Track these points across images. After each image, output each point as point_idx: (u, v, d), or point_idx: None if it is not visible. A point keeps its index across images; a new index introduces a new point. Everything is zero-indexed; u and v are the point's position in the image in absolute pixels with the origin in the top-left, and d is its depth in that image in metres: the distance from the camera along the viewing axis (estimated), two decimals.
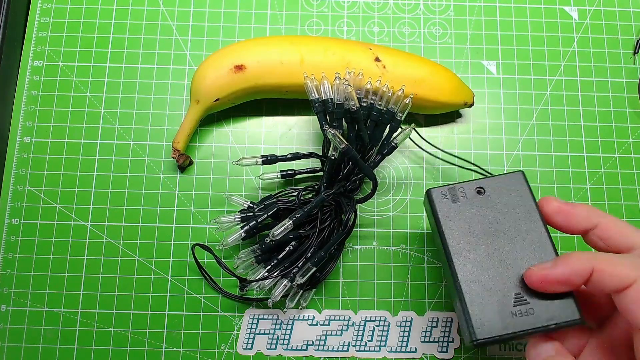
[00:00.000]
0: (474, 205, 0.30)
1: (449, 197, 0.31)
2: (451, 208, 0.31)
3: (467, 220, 0.30)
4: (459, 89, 0.39)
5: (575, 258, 0.27)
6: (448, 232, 0.30)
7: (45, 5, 0.43)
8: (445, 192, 0.31)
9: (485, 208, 0.30)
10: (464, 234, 0.30)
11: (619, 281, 0.26)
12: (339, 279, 0.38)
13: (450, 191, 0.31)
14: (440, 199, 0.31)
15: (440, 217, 0.30)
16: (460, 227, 0.30)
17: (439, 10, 0.43)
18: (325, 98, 0.34)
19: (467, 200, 0.31)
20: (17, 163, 0.39)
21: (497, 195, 0.31)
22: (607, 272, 0.26)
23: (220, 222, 0.35)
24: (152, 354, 0.36)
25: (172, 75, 0.41)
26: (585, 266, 0.26)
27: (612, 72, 0.42)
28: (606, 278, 0.26)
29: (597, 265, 0.26)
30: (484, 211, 0.30)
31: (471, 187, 0.31)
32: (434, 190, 0.31)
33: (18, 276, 0.37)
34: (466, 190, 0.31)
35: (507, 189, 0.31)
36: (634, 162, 0.40)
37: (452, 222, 0.30)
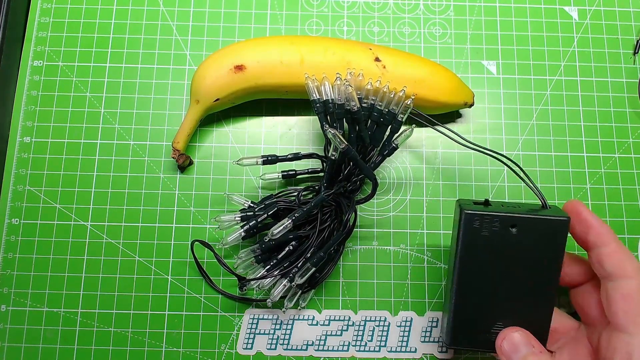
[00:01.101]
0: (501, 241, 0.29)
1: (478, 225, 0.29)
2: (476, 236, 0.29)
3: (487, 251, 0.29)
4: (459, 89, 0.39)
5: None
6: (463, 256, 0.29)
7: (45, 5, 0.43)
8: (477, 220, 0.29)
9: (511, 246, 0.29)
10: (477, 261, 0.29)
11: (620, 269, 0.27)
12: (339, 279, 0.38)
13: (482, 219, 0.29)
14: (469, 224, 0.29)
15: (461, 241, 0.29)
16: (477, 255, 0.29)
17: (439, 10, 0.43)
18: (326, 99, 0.34)
19: (496, 232, 0.29)
20: (17, 163, 0.39)
21: (529, 237, 0.29)
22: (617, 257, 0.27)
23: (220, 221, 0.35)
24: (152, 354, 0.36)
25: (172, 75, 0.41)
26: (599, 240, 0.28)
27: (612, 72, 0.42)
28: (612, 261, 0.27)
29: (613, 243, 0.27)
30: (508, 249, 0.29)
31: (506, 222, 0.29)
32: (467, 213, 0.29)
33: (18, 276, 0.37)
34: (500, 222, 0.29)
35: (543, 234, 0.29)
36: (634, 162, 0.40)
37: (471, 249, 0.29)
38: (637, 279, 0.27)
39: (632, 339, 0.26)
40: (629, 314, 0.27)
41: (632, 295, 0.27)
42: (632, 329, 0.26)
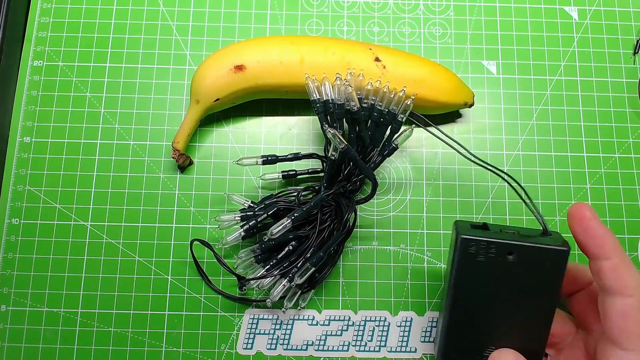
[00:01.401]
0: (497, 268, 0.28)
1: (474, 251, 0.28)
2: (472, 261, 0.28)
3: (482, 277, 0.29)
4: (459, 89, 0.39)
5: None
6: (457, 280, 0.29)
7: (45, 5, 0.43)
8: (473, 245, 0.28)
9: (507, 273, 0.28)
10: (472, 286, 0.29)
11: (619, 285, 0.26)
12: (339, 279, 0.38)
13: (478, 245, 0.28)
14: (465, 249, 0.28)
15: (455, 266, 0.29)
16: (472, 280, 0.29)
17: (439, 10, 0.43)
18: (326, 99, 0.34)
19: (492, 259, 0.28)
20: (17, 163, 0.39)
21: (526, 265, 0.28)
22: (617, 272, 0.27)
23: (220, 221, 0.35)
24: (152, 354, 0.36)
25: (172, 75, 0.41)
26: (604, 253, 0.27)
27: (612, 72, 0.42)
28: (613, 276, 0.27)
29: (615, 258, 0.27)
30: (504, 276, 0.28)
31: (504, 248, 0.28)
32: (462, 238, 0.28)
33: (18, 276, 0.37)
34: (497, 248, 0.28)
35: (541, 263, 0.28)
36: (634, 162, 0.40)
37: (466, 274, 0.29)
38: (635, 297, 0.26)
39: (626, 354, 0.26)
40: (623, 332, 0.26)
41: (629, 313, 0.26)
42: (626, 345, 0.26)
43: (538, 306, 0.29)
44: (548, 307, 0.28)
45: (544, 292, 0.28)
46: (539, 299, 0.28)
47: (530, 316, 0.29)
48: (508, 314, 0.29)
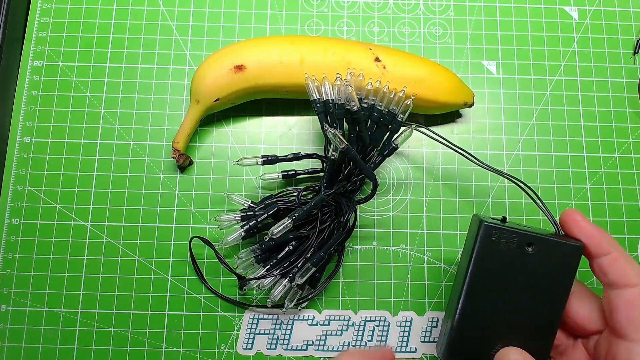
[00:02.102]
0: (515, 258, 0.29)
1: (496, 239, 0.29)
2: (492, 249, 0.29)
3: (500, 267, 0.29)
4: (459, 89, 0.39)
5: None
6: (475, 268, 0.29)
7: (45, 5, 0.43)
8: (496, 232, 0.29)
9: (524, 265, 0.29)
10: (489, 275, 0.29)
11: (622, 277, 0.27)
12: (339, 279, 0.38)
13: (500, 233, 0.29)
14: (487, 236, 0.29)
15: (476, 252, 0.29)
16: (490, 269, 0.29)
17: (439, 10, 0.43)
18: (326, 99, 0.34)
19: (511, 249, 0.29)
20: (17, 163, 0.39)
21: (543, 258, 0.29)
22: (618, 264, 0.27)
23: (220, 221, 0.35)
24: (152, 354, 0.36)
25: (172, 75, 0.41)
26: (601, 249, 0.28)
27: (612, 72, 0.42)
28: (615, 269, 0.27)
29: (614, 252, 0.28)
30: (521, 267, 0.29)
31: (523, 238, 0.29)
32: (486, 225, 0.29)
33: (18, 276, 0.37)
34: (518, 239, 0.29)
35: (557, 257, 0.29)
36: (634, 162, 0.40)
37: (485, 262, 0.29)
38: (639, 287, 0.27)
39: (634, 346, 0.26)
40: (631, 321, 0.27)
41: (635, 302, 0.27)
42: (634, 335, 0.26)
43: (549, 303, 0.29)
44: (558, 304, 0.29)
45: (556, 288, 0.29)
46: (551, 295, 0.29)
47: (541, 313, 0.29)
48: (519, 309, 0.29)
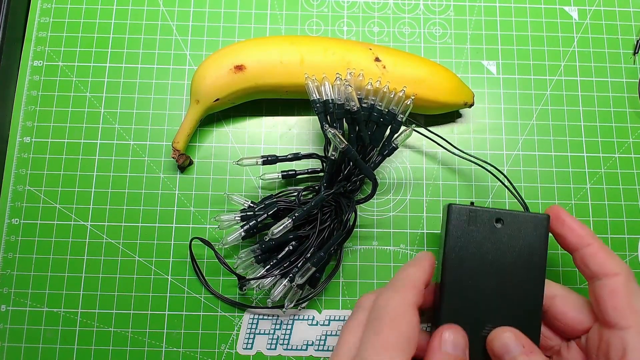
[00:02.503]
0: (488, 234, 0.30)
1: (467, 219, 0.30)
2: (465, 230, 0.30)
3: (475, 246, 0.30)
4: (459, 89, 0.39)
5: None
6: (452, 251, 0.30)
7: (45, 5, 0.43)
8: (466, 213, 0.30)
9: (497, 241, 0.30)
10: (466, 257, 0.30)
11: (604, 267, 0.28)
12: (339, 279, 0.38)
13: (470, 213, 0.30)
14: (458, 217, 0.30)
15: (450, 234, 0.30)
16: (466, 250, 0.30)
17: (439, 10, 0.43)
18: (326, 99, 0.34)
19: (483, 226, 0.30)
20: (17, 163, 0.39)
21: (514, 232, 0.30)
22: (599, 256, 0.28)
23: (220, 221, 0.35)
24: (152, 354, 0.36)
25: (172, 75, 0.41)
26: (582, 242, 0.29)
27: (612, 72, 0.42)
28: (595, 260, 0.28)
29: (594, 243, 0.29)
30: (494, 244, 0.30)
31: (492, 216, 0.30)
32: (455, 207, 0.31)
33: (18, 276, 0.37)
34: (486, 216, 0.30)
35: (526, 230, 0.30)
36: (634, 162, 0.40)
37: (460, 243, 0.30)
38: (621, 275, 0.28)
39: (625, 333, 0.27)
40: (617, 310, 0.27)
41: (619, 290, 0.27)
42: (623, 323, 0.27)
43: (529, 278, 0.30)
44: (538, 278, 0.30)
45: (532, 262, 0.30)
46: (528, 269, 0.30)
47: (523, 292, 0.30)
48: (502, 288, 0.30)
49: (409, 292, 0.28)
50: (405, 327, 0.27)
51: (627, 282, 0.28)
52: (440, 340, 0.28)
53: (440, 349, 0.28)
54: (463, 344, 0.28)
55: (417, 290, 0.28)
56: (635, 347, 0.26)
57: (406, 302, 0.28)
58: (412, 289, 0.28)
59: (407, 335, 0.27)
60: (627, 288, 0.27)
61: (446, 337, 0.28)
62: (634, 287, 0.28)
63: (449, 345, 0.28)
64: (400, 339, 0.26)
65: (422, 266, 0.30)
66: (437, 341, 0.28)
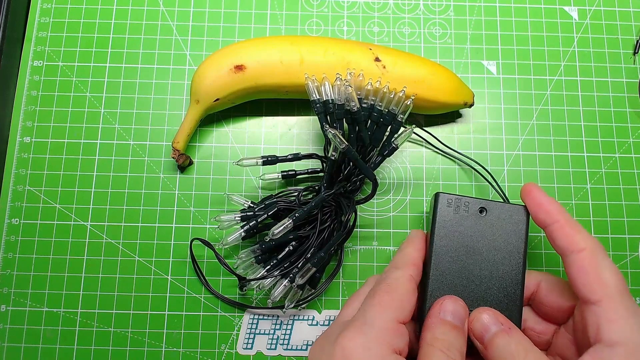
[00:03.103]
0: (472, 222, 0.32)
1: (453, 206, 0.32)
2: (451, 217, 0.32)
3: (460, 233, 0.32)
4: (459, 89, 0.39)
5: None
6: (438, 237, 0.32)
7: (45, 5, 0.43)
8: (451, 201, 0.32)
9: (480, 228, 0.32)
10: (452, 243, 0.32)
11: (570, 243, 0.28)
12: (339, 279, 0.38)
13: (456, 201, 0.32)
14: (445, 205, 0.32)
15: (437, 221, 0.32)
16: (452, 236, 0.32)
17: (439, 10, 0.43)
18: (326, 99, 0.34)
19: (467, 214, 0.32)
20: (17, 163, 0.39)
21: (496, 221, 0.32)
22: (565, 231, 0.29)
23: (220, 221, 0.35)
24: (152, 354, 0.36)
25: (172, 75, 0.41)
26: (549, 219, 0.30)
27: (612, 72, 0.42)
28: (562, 236, 0.29)
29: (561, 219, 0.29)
30: (478, 231, 0.32)
31: (476, 204, 0.32)
32: (441, 195, 0.32)
33: (18, 276, 0.37)
34: (471, 205, 0.32)
35: (507, 219, 0.32)
36: (634, 161, 0.40)
37: (446, 229, 0.32)
38: (587, 250, 0.28)
39: (596, 307, 0.27)
40: (586, 285, 0.27)
41: (585, 265, 0.28)
42: (593, 297, 0.27)
43: (510, 265, 0.31)
44: (517, 264, 0.31)
45: (513, 251, 0.31)
46: (510, 256, 0.31)
47: (504, 276, 0.31)
48: (485, 275, 0.31)
49: (408, 269, 0.30)
50: (400, 292, 0.29)
51: (593, 256, 0.28)
52: (440, 307, 0.29)
53: (439, 315, 0.29)
54: (463, 315, 0.29)
55: (415, 267, 0.31)
56: (607, 320, 0.26)
57: (405, 275, 0.29)
58: (411, 266, 0.30)
59: (400, 298, 0.28)
60: (593, 262, 0.28)
61: (447, 305, 0.29)
62: (601, 260, 0.28)
63: (448, 314, 0.29)
64: (393, 301, 0.28)
65: (417, 244, 0.32)
66: (437, 308, 0.29)
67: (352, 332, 0.27)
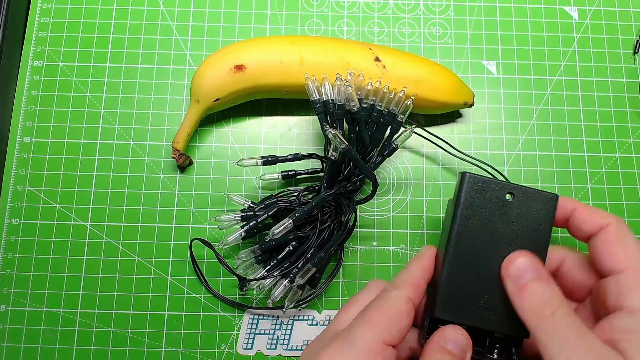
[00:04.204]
0: (498, 206, 0.31)
1: (479, 188, 0.31)
2: (476, 198, 0.31)
3: (484, 216, 0.30)
4: (459, 89, 0.39)
5: None
6: (461, 218, 0.30)
7: (45, 5, 0.43)
8: (479, 182, 0.31)
9: (506, 214, 0.30)
10: (474, 226, 0.30)
11: (594, 223, 0.29)
12: (339, 279, 0.38)
13: (484, 184, 0.31)
14: (471, 186, 0.31)
15: (461, 202, 0.31)
16: (475, 219, 0.30)
17: (439, 10, 0.43)
18: (326, 99, 0.34)
19: (494, 198, 0.31)
20: (17, 163, 0.39)
21: (523, 207, 0.30)
22: (586, 214, 0.29)
23: (220, 221, 0.35)
24: (152, 354, 0.36)
25: (172, 75, 0.41)
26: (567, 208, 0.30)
27: (612, 72, 0.42)
28: (584, 220, 0.29)
29: (579, 207, 0.30)
30: (503, 216, 0.30)
31: (504, 188, 0.31)
32: (468, 175, 0.31)
33: (18, 276, 0.37)
34: (499, 188, 0.31)
35: (535, 207, 0.31)
36: (635, 161, 0.40)
37: (470, 211, 0.30)
38: (612, 224, 0.28)
39: (620, 276, 0.27)
40: (612, 256, 0.28)
41: (612, 239, 0.28)
42: (618, 267, 0.27)
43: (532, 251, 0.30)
44: (540, 252, 0.30)
45: (537, 239, 0.30)
46: (531, 244, 0.30)
47: None
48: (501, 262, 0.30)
49: (406, 289, 0.29)
50: (392, 312, 0.28)
51: (618, 229, 0.28)
52: (441, 335, 0.28)
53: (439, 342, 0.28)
54: (464, 345, 0.28)
55: (417, 288, 0.29)
56: (630, 288, 0.26)
57: (401, 296, 0.28)
58: (411, 286, 0.29)
59: (391, 318, 0.27)
60: (618, 234, 0.28)
61: (448, 333, 0.28)
62: (626, 232, 0.28)
63: (449, 342, 0.28)
64: (383, 321, 0.27)
65: (424, 263, 0.31)
66: (439, 335, 0.28)
67: (334, 348, 0.26)
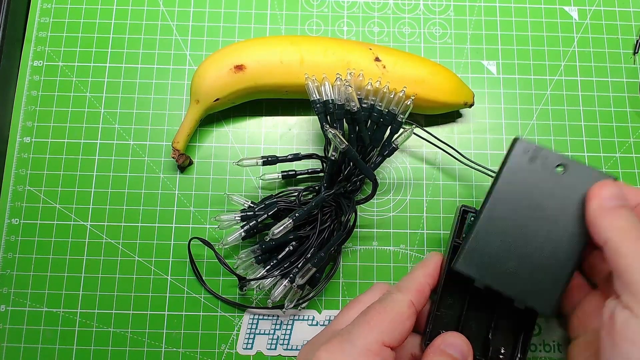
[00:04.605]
0: (545, 177, 0.29)
1: (529, 155, 0.29)
2: (524, 165, 0.29)
3: (528, 183, 0.29)
4: (459, 89, 0.39)
5: None
6: (503, 180, 0.29)
7: (45, 5, 0.43)
8: (529, 149, 0.29)
9: (552, 186, 0.29)
10: (515, 191, 0.29)
11: None
12: (339, 279, 0.38)
13: (535, 151, 0.29)
14: (520, 151, 0.29)
15: (507, 165, 0.30)
16: (517, 184, 0.29)
17: (439, 10, 0.43)
18: (326, 99, 0.34)
19: (543, 168, 0.29)
20: (17, 163, 0.39)
21: (572, 182, 0.29)
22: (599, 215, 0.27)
23: (220, 221, 0.35)
24: (152, 354, 0.36)
25: (172, 75, 0.41)
26: None
27: (613, 72, 0.42)
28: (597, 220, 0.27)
29: None
30: (549, 188, 0.29)
31: (556, 159, 0.29)
32: (520, 140, 0.30)
33: (18, 276, 0.37)
34: (549, 158, 0.29)
35: (584, 183, 0.28)
36: (635, 161, 0.40)
37: (514, 175, 0.29)
38: None
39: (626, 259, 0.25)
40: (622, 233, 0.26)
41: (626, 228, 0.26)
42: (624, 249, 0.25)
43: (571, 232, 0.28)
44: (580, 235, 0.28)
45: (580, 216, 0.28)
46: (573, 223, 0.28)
47: (562, 241, 0.28)
48: (540, 234, 0.29)
49: (410, 294, 0.29)
50: (394, 314, 0.28)
51: None
52: (442, 339, 0.28)
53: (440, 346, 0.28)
54: (465, 351, 0.28)
55: (419, 293, 0.29)
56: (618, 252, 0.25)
57: (404, 300, 0.28)
58: (415, 291, 0.29)
59: (392, 320, 0.27)
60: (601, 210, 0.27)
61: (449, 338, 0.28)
62: None
63: (450, 346, 0.28)
64: (384, 322, 0.27)
65: (429, 270, 0.31)
66: (439, 340, 0.28)
67: (333, 346, 0.27)
